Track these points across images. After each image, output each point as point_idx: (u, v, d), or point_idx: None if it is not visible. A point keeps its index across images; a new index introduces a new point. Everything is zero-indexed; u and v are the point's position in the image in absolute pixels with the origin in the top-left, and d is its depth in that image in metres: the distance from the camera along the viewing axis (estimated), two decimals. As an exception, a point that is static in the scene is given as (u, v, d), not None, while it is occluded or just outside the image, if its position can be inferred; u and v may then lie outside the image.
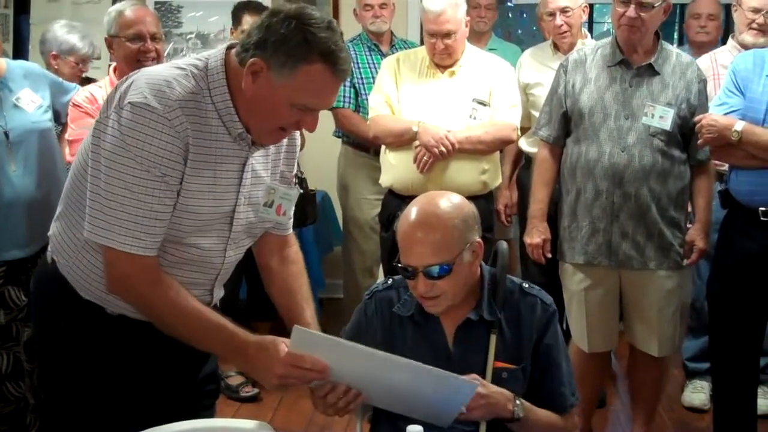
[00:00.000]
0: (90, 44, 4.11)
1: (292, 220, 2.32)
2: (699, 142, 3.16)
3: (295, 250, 2.37)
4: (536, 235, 3.53)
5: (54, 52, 4.10)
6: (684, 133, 3.28)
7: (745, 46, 3.94)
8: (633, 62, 3.31)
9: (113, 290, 2.02)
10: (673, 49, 3.41)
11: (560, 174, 3.48)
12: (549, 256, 3.55)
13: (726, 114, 3.07)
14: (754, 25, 3.88)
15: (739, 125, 2.98)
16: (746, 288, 3.09)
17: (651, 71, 3.30)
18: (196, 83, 1.96)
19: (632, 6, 3.18)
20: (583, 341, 3.48)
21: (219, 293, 2.25)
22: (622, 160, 3.25)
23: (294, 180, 2.28)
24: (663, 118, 3.22)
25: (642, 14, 3.19)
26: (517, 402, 2.14)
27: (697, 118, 3.13)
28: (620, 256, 3.33)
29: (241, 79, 1.93)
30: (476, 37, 4.97)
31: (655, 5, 3.20)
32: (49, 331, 2.18)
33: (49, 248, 2.18)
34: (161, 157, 1.89)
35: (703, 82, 3.34)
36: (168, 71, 1.98)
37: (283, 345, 1.93)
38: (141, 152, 1.88)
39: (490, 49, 4.80)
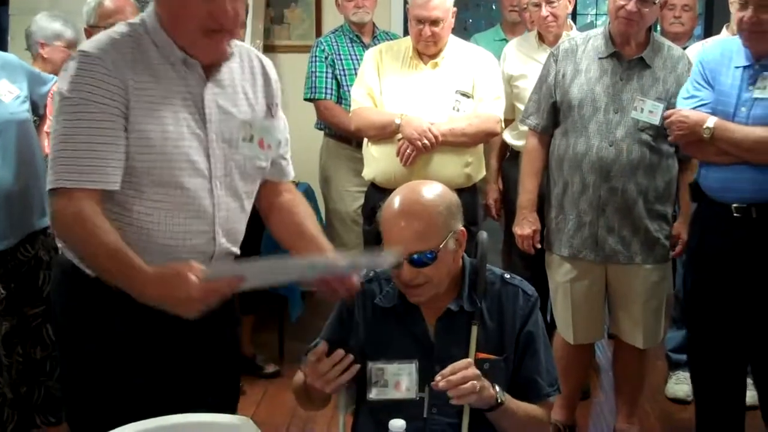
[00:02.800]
0: (73, 28, 4.06)
1: (289, 163, 2.37)
2: (669, 138, 3.14)
3: (299, 197, 2.41)
4: (526, 225, 3.52)
5: (41, 41, 4.06)
6: None
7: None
8: (625, 55, 3.29)
9: (59, 236, 2.11)
10: (664, 42, 3.38)
11: (548, 165, 3.46)
12: (539, 246, 3.54)
13: (695, 107, 3.01)
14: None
15: (711, 121, 2.92)
16: (721, 285, 3.04)
17: (642, 64, 3.27)
18: (131, 29, 2.08)
19: (633, 0, 3.16)
20: (568, 333, 3.47)
21: (229, 246, 2.20)
22: (609, 155, 3.24)
23: (274, 111, 2.28)
24: (652, 112, 3.20)
25: (642, 9, 3.17)
26: (497, 387, 2.13)
27: (667, 113, 3.08)
28: (606, 250, 3.32)
29: (164, 14, 2.05)
30: (511, 28, 4.92)
31: (656, 1, 3.18)
32: (67, 320, 2.20)
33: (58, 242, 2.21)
34: (96, 94, 1.97)
35: None
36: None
37: (192, 277, 1.88)
38: (79, 93, 1.97)
39: None
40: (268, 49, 5.50)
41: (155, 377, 2.14)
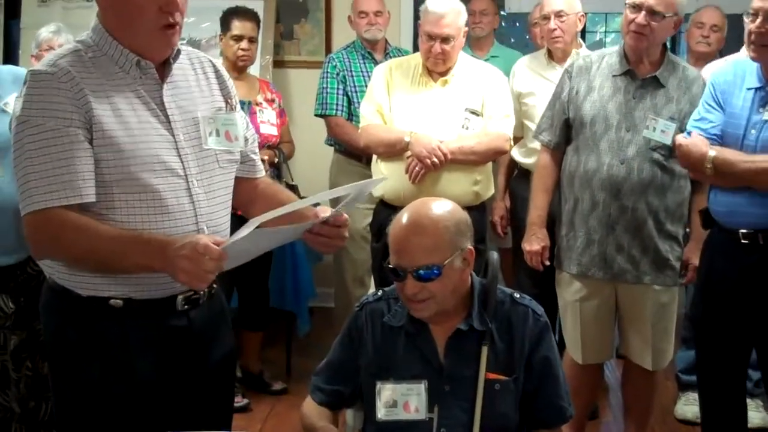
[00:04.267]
0: (65, 36, 4.04)
1: (258, 159, 2.39)
2: (664, 151, 3.16)
3: (275, 184, 2.46)
4: (535, 242, 3.50)
5: (33, 53, 4.09)
6: None
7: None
8: (639, 73, 3.27)
9: (40, 252, 2.07)
10: (680, 62, 3.35)
11: (559, 181, 3.45)
12: (547, 263, 3.52)
13: (705, 129, 2.98)
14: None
15: (712, 155, 2.88)
16: (729, 310, 3.02)
17: (656, 83, 3.25)
18: (80, 45, 2.08)
19: (643, 13, 3.14)
20: (576, 352, 3.45)
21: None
22: (620, 173, 3.22)
23: (233, 103, 2.29)
24: (665, 132, 3.17)
25: (652, 22, 3.14)
26: None
27: (675, 140, 3.05)
28: (615, 268, 3.30)
29: (111, 20, 2.05)
30: (477, 43, 4.99)
31: (666, 15, 3.15)
32: (60, 346, 2.16)
33: (43, 267, 2.18)
34: (51, 110, 1.96)
35: None
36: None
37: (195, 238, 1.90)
38: (35, 112, 1.96)
39: (492, 56, 4.83)
40: (278, 64, 5.52)
41: (149, 398, 2.12)
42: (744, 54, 3.71)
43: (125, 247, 1.95)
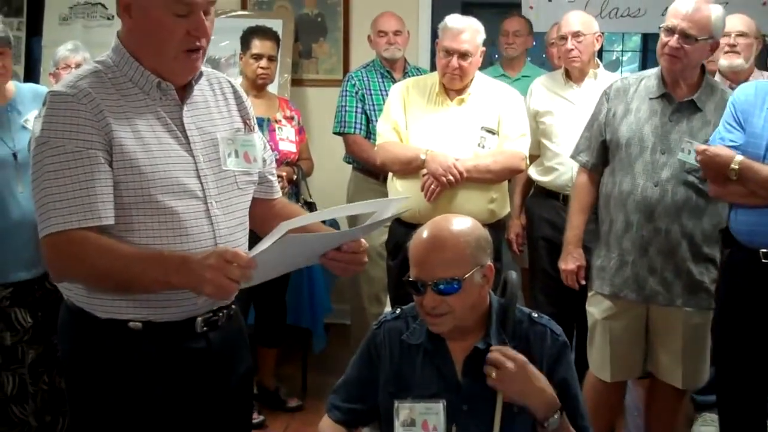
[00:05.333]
0: (82, 54, 4.07)
1: (276, 180, 2.38)
2: (699, 175, 3.12)
3: (290, 204, 2.45)
4: (571, 261, 3.49)
5: (51, 71, 4.12)
6: None
7: (724, 73, 3.94)
8: (675, 96, 3.25)
9: (59, 275, 2.04)
10: (719, 86, 3.34)
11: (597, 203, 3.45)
12: (583, 282, 3.50)
13: (727, 147, 2.98)
14: (726, 48, 3.89)
15: (737, 160, 2.90)
16: (750, 330, 3.01)
17: (693, 107, 3.23)
18: (100, 65, 2.07)
19: (676, 36, 3.13)
20: (603, 370, 3.41)
21: None
22: (654, 195, 3.20)
23: (252, 125, 2.29)
24: None
25: (685, 45, 3.12)
26: (555, 416, 2.11)
27: (697, 148, 3.03)
28: (647, 290, 3.27)
29: (136, 42, 2.04)
30: (509, 63, 5.01)
31: (700, 38, 3.12)
32: (77, 367, 2.15)
33: (61, 288, 2.17)
34: (72, 131, 1.95)
35: None
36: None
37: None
38: (55, 134, 1.95)
39: (524, 76, 4.85)
40: (296, 83, 5.55)
41: (166, 418, 2.11)
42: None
43: (144, 265, 1.93)
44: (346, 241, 2.09)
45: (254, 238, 2.15)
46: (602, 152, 3.40)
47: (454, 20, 3.68)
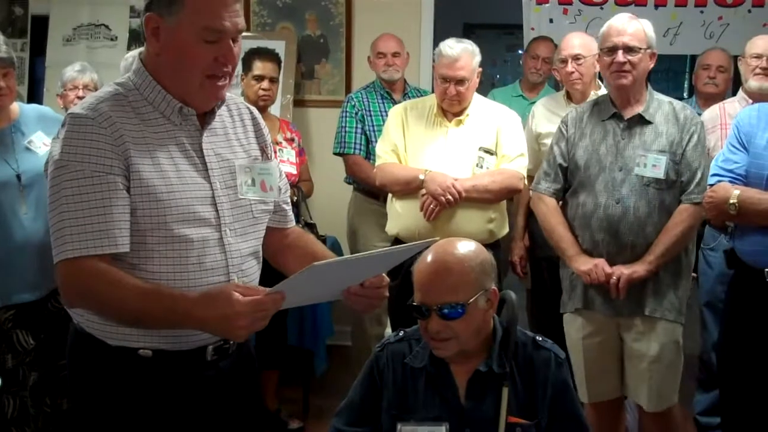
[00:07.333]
0: (90, 75, 4.10)
1: (290, 209, 2.35)
2: (704, 215, 3.18)
3: (305, 233, 2.41)
4: (584, 264, 3.32)
5: (58, 92, 4.14)
6: (682, 176, 3.24)
7: (752, 94, 3.94)
8: (624, 114, 3.31)
9: (72, 303, 2.03)
10: (665, 99, 3.39)
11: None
12: (608, 271, 3.34)
13: (729, 170, 3.00)
14: (758, 70, 3.94)
15: (735, 195, 2.91)
16: (754, 351, 3.01)
17: (643, 121, 3.29)
18: (120, 87, 2.05)
19: (620, 52, 3.21)
20: (582, 391, 3.41)
21: None
22: (617, 212, 3.23)
23: (269, 153, 2.27)
24: (656, 166, 3.21)
25: (631, 58, 3.21)
26: None
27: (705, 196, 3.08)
28: (617, 304, 3.28)
29: (161, 66, 2.02)
30: (530, 86, 5.02)
31: (641, 48, 3.22)
32: (85, 392, 2.13)
33: (71, 313, 2.15)
34: (91, 155, 1.93)
35: (698, 125, 3.29)
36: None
37: (236, 294, 1.86)
38: (74, 157, 1.93)
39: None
40: (298, 103, 5.56)
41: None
42: (738, 97, 3.80)
43: (153, 306, 1.91)
44: (370, 267, 2.06)
45: (267, 268, 2.15)
46: (563, 178, 3.43)
47: (448, 47, 3.69)
